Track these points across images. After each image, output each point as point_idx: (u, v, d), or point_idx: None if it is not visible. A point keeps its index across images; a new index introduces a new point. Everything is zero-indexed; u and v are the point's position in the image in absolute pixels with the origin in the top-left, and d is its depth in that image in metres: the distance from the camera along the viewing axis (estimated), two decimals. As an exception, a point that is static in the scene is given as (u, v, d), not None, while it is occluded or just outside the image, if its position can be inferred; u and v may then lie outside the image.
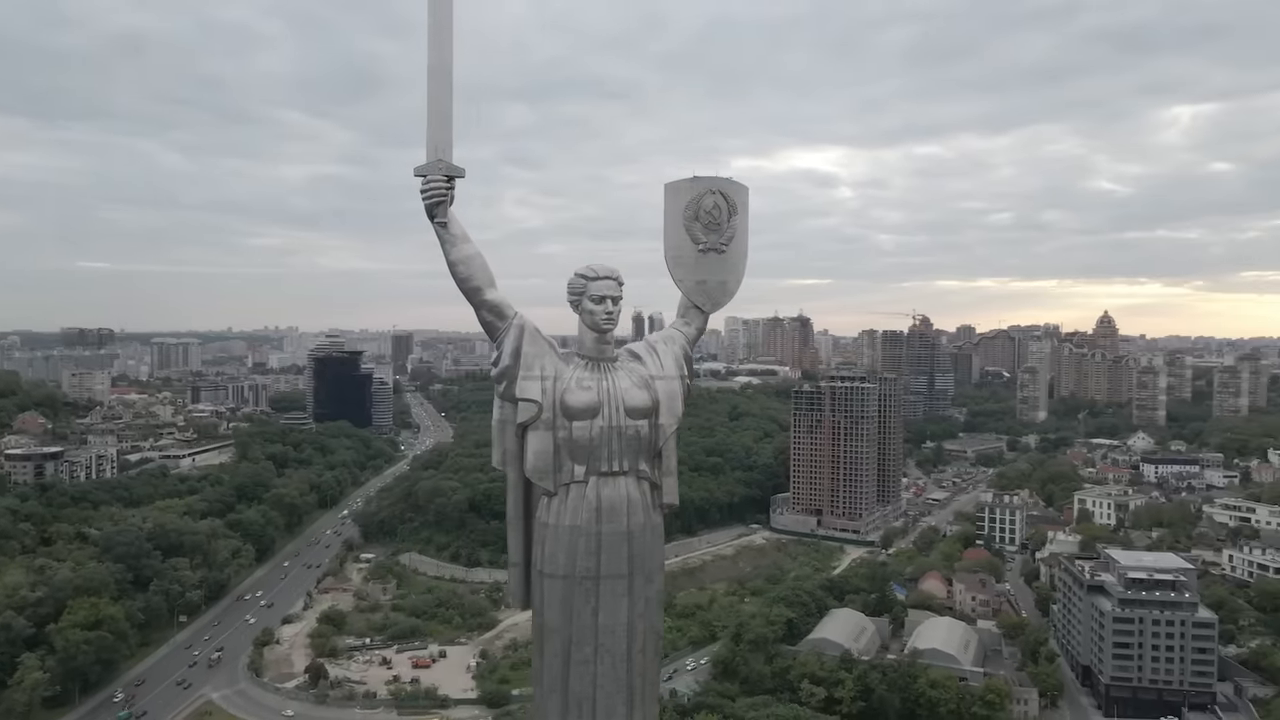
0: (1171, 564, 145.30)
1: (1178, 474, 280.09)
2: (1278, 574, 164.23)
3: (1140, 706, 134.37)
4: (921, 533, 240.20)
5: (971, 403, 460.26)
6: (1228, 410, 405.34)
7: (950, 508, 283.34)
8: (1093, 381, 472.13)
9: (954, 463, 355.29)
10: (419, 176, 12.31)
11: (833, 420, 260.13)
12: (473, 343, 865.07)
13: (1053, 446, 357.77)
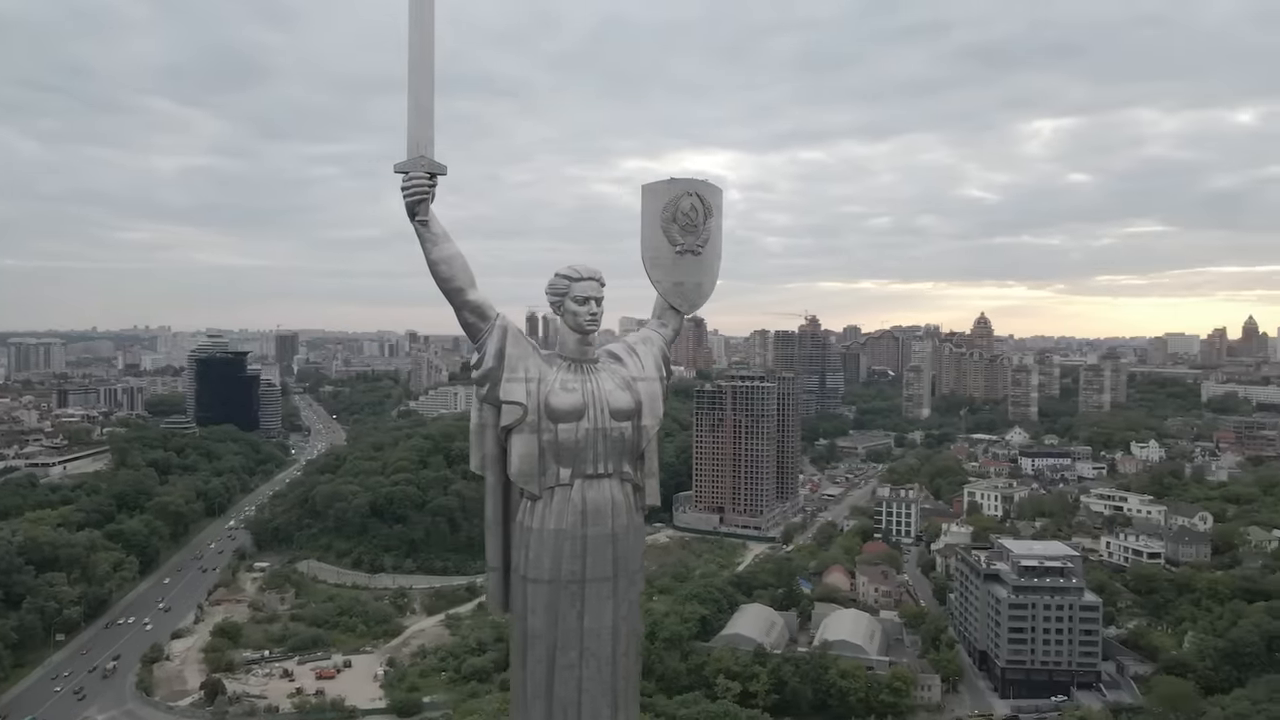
0: (1059, 552, 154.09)
1: (1052, 466, 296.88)
2: (1151, 559, 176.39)
3: (1033, 687, 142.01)
4: (820, 528, 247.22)
5: (860, 401, 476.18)
6: (1092, 406, 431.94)
7: (845, 503, 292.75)
8: (971, 380, 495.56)
9: (846, 459, 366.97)
10: (400, 173, 12.01)
11: (734, 419, 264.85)
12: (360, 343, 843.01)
13: (937, 442, 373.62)
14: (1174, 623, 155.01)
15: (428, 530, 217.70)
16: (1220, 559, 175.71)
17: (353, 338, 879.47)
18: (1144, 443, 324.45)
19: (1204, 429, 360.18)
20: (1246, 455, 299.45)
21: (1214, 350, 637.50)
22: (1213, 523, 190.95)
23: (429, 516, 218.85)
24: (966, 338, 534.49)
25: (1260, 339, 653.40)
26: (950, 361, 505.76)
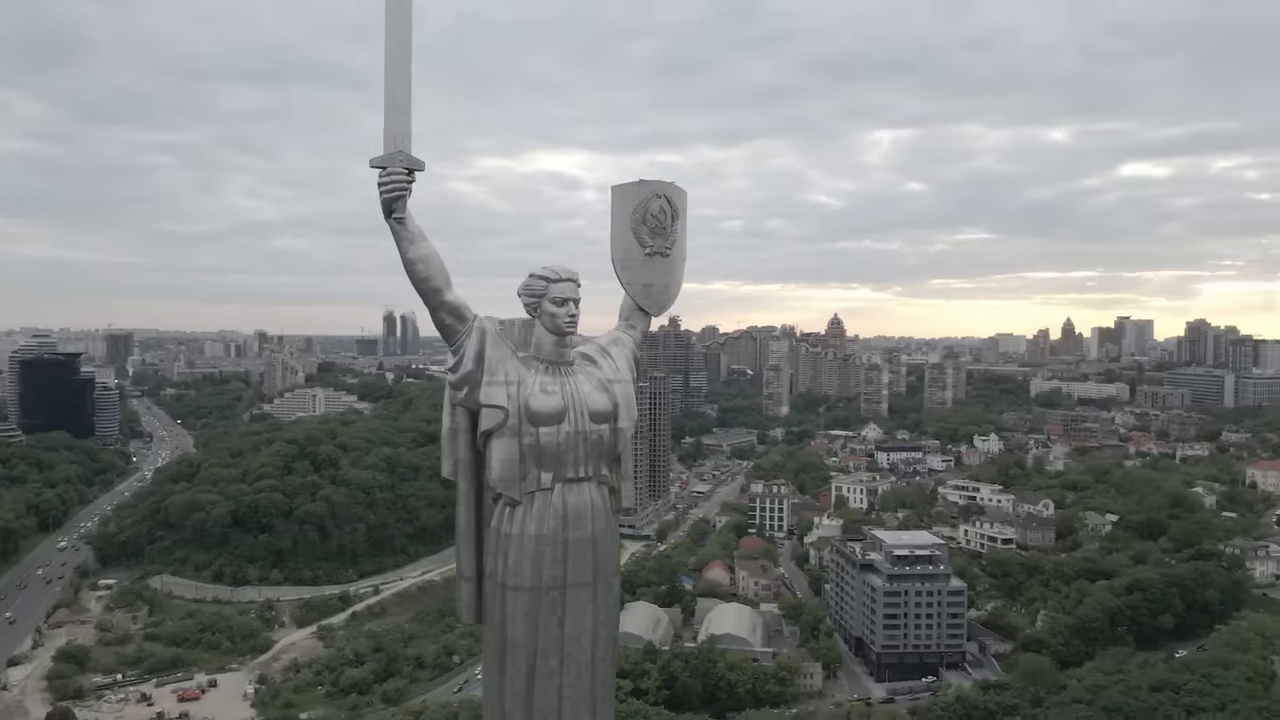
0: (927, 541, 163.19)
1: (905, 459, 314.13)
2: (1004, 544, 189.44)
3: (905, 669, 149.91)
4: (694, 524, 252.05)
5: (722, 399, 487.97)
6: (937, 402, 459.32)
7: (714, 499, 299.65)
8: (826, 378, 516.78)
9: (712, 456, 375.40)
10: (376, 169, 11.66)
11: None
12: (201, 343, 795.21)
13: (797, 439, 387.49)
14: (1027, 603, 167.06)
15: (295, 539, 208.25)
16: (1063, 542, 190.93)
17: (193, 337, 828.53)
18: (985, 436, 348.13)
19: (1035, 422, 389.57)
20: (1073, 446, 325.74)
21: (1039, 349, 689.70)
22: (1054, 509, 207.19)
23: (296, 524, 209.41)
24: (821, 338, 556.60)
25: (1077, 339, 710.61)
26: (807, 361, 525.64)
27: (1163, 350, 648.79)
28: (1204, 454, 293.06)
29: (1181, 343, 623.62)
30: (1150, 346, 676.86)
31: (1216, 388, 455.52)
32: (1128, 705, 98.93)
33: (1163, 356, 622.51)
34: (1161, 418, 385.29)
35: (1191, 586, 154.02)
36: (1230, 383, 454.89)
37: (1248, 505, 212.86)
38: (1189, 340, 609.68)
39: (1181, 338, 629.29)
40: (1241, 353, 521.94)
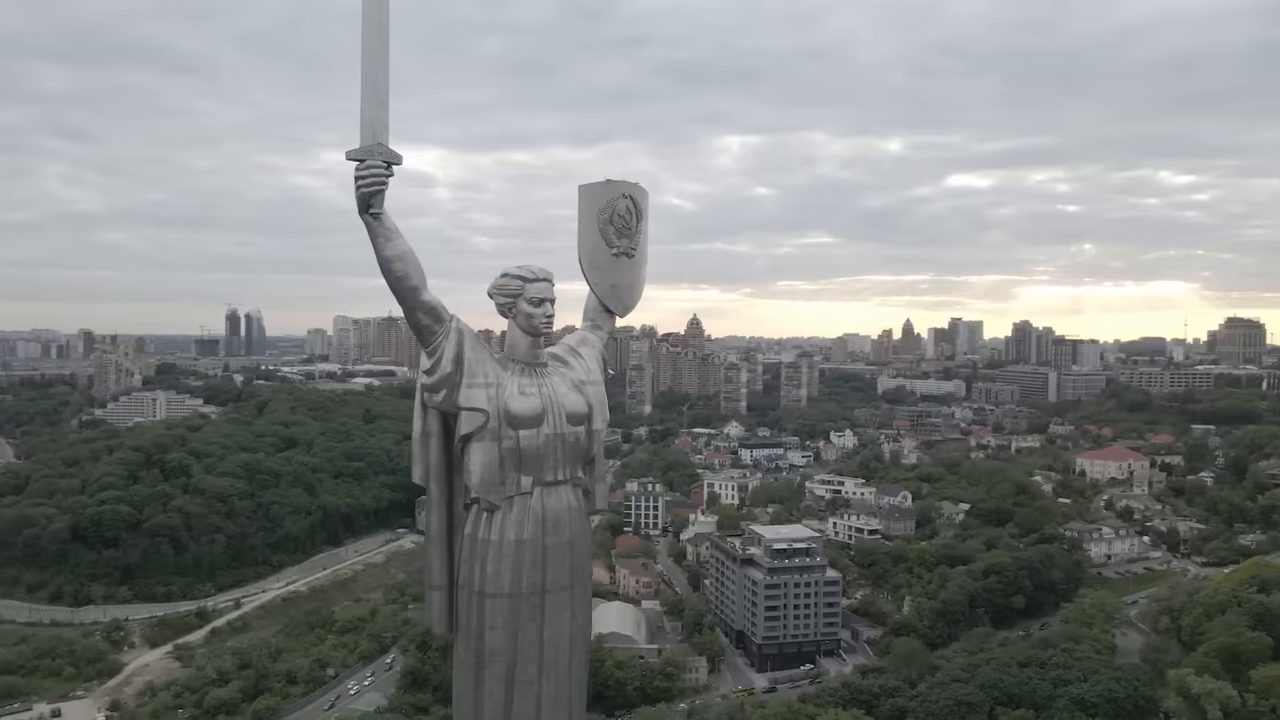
0: (803, 534, 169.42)
1: (768, 456, 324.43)
2: (870, 535, 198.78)
3: (785, 659, 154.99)
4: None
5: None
6: (792, 400, 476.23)
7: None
8: (687, 377, 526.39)
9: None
10: (354, 161, 11.21)
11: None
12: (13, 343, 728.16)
13: (660, 437, 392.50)
14: (893, 590, 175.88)
15: (145, 553, 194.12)
16: (923, 531, 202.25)
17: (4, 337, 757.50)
18: (841, 432, 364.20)
19: (884, 418, 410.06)
20: (921, 440, 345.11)
21: (883, 349, 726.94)
22: (912, 500, 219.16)
23: (147, 538, 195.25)
24: (681, 338, 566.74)
25: (916, 339, 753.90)
26: (667, 360, 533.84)
27: (992, 349, 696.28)
28: (1036, 445, 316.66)
29: (1009, 342, 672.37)
30: (981, 346, 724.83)
31: (1042, 384, 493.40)
32: (1002, 681, 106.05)
33: (993, 355, 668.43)
34: (996, 412, 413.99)
35: (1039, 568, 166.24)
36: (1053, 379, 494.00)
37: (1079, 492, 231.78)
38: (1015, 340, 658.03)
39: (1009, 338, 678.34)
40: (1062, 352, 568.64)
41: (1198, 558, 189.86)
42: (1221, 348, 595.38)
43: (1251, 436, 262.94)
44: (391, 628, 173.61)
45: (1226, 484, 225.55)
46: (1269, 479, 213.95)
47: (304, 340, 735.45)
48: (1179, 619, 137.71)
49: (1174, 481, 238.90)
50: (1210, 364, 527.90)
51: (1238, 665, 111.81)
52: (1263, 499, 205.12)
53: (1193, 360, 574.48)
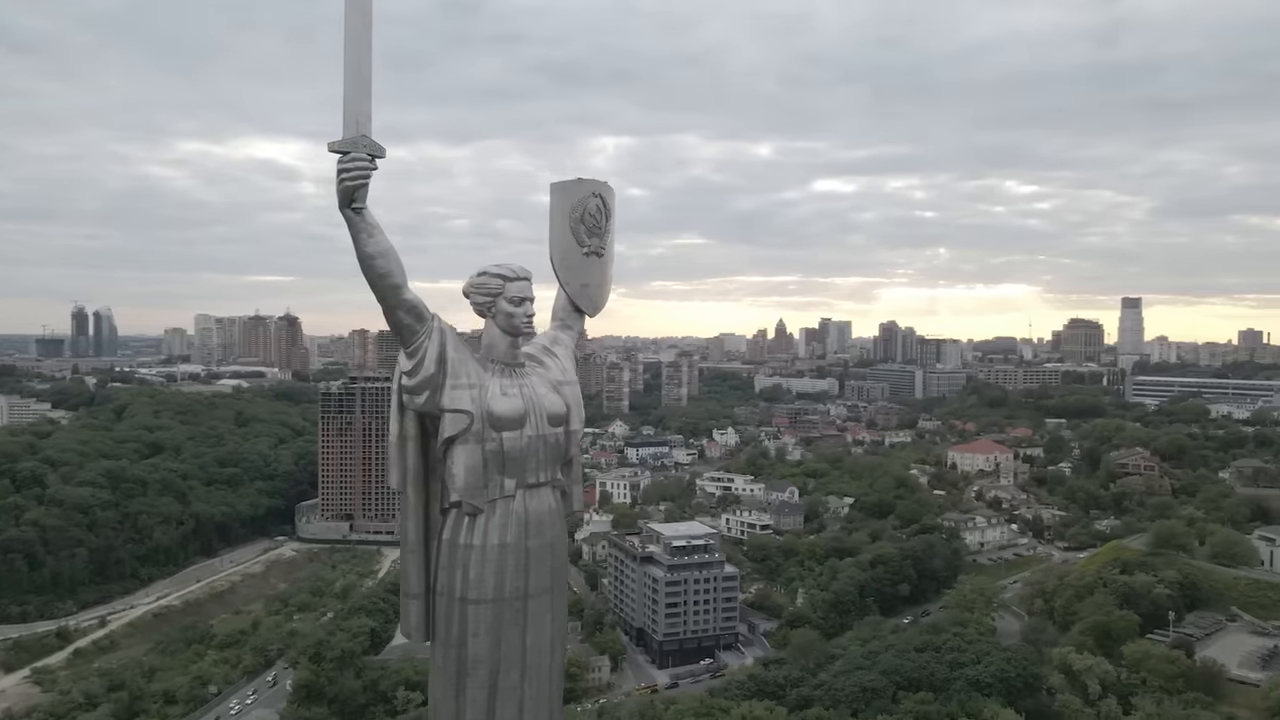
0: (700, 531, 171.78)
1: (654, 454, 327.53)
2: (762, 530, 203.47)
3: (685, 655, 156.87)
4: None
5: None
6: (674, 399, 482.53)
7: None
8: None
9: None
10: (337, 153, 10.71)
11: (364, 422, 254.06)
12: None
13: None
14: (786, 583, 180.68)
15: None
16: (811, 525, 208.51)
17: None
18: (723, 429, 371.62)
19: (763, 416, 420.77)
20: (800, 437, 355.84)
21: (758, 348, 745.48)
22: (799, 495, 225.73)
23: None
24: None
25: (788, 338, 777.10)
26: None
27: (861, 348, 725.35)
28: (908, 440, 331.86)
29: (876, 342, 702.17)
30: (850, 345, 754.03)
31: (909, 381, 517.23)
32: (903, 667, 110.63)
33: (862, 354, 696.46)
34: (869, 409, 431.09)
35: (922, 557, 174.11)
36: (920, 377, 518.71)
37: (952, 484, 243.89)
38: (883, 340, 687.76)
39: (876, 337, 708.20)
40: (927, 351, 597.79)
41: (1060, 543, 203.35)
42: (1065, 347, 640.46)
43: (1100, 429, 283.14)
44: (276, 640, 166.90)
45: (1082, 474, 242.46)
46: (1119, 468, 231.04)
47: (160, 340, 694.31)
48: (1052, 601, 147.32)
49: (1036, 472, 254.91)
50: (1057, 362, 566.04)
51: (1110, 641, 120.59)
52: (1114, 487, 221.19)
53: (1040, 359, 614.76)
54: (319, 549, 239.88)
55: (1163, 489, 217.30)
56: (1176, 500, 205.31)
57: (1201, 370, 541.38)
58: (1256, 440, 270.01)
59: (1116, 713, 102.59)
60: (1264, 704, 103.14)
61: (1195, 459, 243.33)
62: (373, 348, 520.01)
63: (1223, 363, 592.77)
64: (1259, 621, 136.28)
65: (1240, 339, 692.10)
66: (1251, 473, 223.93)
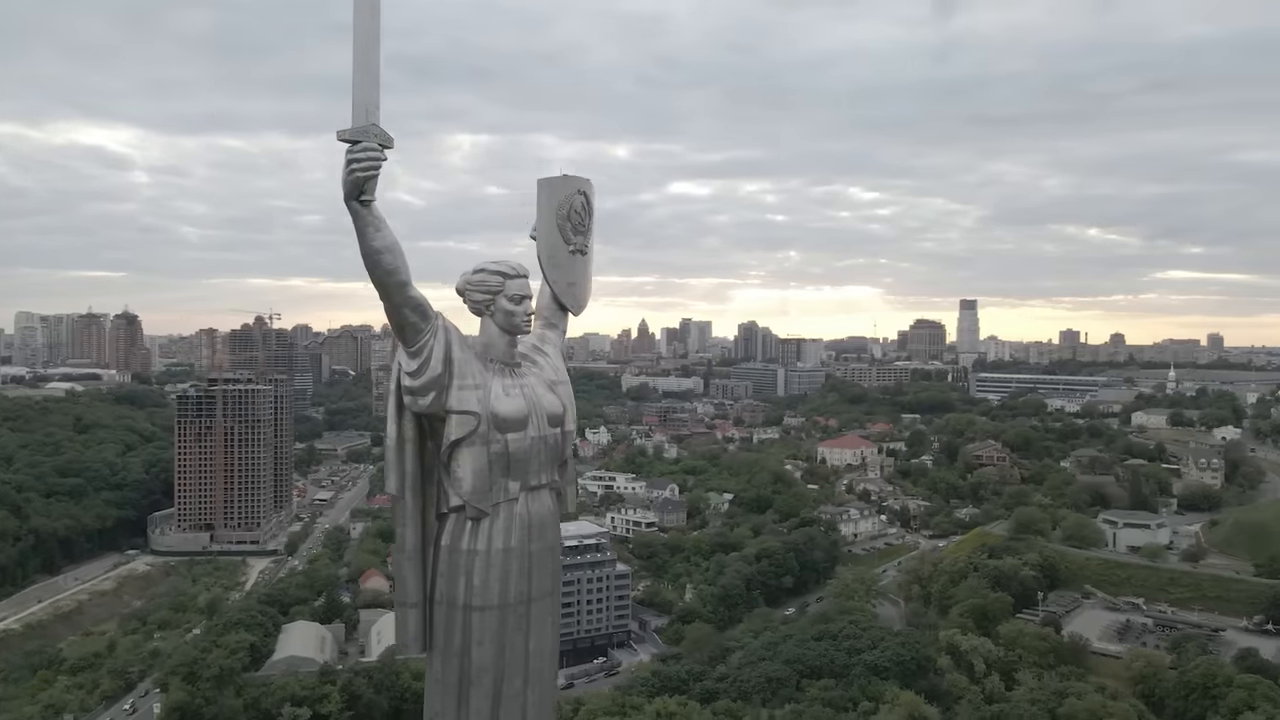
0: (591, 530, 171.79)
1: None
2: (647, 528, 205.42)
3: (579, 654, 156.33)
4: (328, 534, 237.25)
5: (327, 401, 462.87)
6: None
7: (340, 506, 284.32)
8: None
9: (326, 461, 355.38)
10: (347, 143, 10.32)
11: (225, 426, 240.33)
12: None
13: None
14: (674, 579, 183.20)
15: None
16: (694, 521, 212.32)
17: None
18: (595, 428, 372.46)
19: (633, 414, 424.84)
20: (670, 434, 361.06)
21: (622, 347, 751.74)
22: (680, 492, 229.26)
23: None
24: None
25: (650, 338, 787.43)
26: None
27: (722, 348, 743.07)
28: (775, 437, 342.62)
29: (737, 341, 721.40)
30: (710, 344, 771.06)
31: (771, 379, 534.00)
32: (804, 656, 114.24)
33: (723, 353, 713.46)
34: (735, 407, 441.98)
35: (803, 549, 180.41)
36: (782, 375, 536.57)
37: (824, 478, 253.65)
38: (743, 339, 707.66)
39: (736, 337, 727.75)
40: (788, 349, 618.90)
41: (926, 531, 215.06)
42: (911, 345, 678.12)
43: (953, 423, 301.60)
44: (136, 661, 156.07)
45: (942, 466, 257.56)
46: (974, 460, 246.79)
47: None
48: (928, 586, 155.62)
49: (900, 465, 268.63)
50: (905, 360, 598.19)
51: (986, 622, 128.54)
52: (971, 477, 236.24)
53: (890, 357, 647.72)
54: (177, 562, 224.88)
55: (1014, 478, 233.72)
56: (1025, 488, 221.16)
57: (1032, 367, 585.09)
58: (1089, 431, 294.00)
59: (1000, 689, 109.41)
60: (1127, 674, 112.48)
61: (1039, 450, 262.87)
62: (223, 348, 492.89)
63: (1049, 360, 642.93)
64: (1110, 598, 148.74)
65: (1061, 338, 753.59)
66: (1089, 461, 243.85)
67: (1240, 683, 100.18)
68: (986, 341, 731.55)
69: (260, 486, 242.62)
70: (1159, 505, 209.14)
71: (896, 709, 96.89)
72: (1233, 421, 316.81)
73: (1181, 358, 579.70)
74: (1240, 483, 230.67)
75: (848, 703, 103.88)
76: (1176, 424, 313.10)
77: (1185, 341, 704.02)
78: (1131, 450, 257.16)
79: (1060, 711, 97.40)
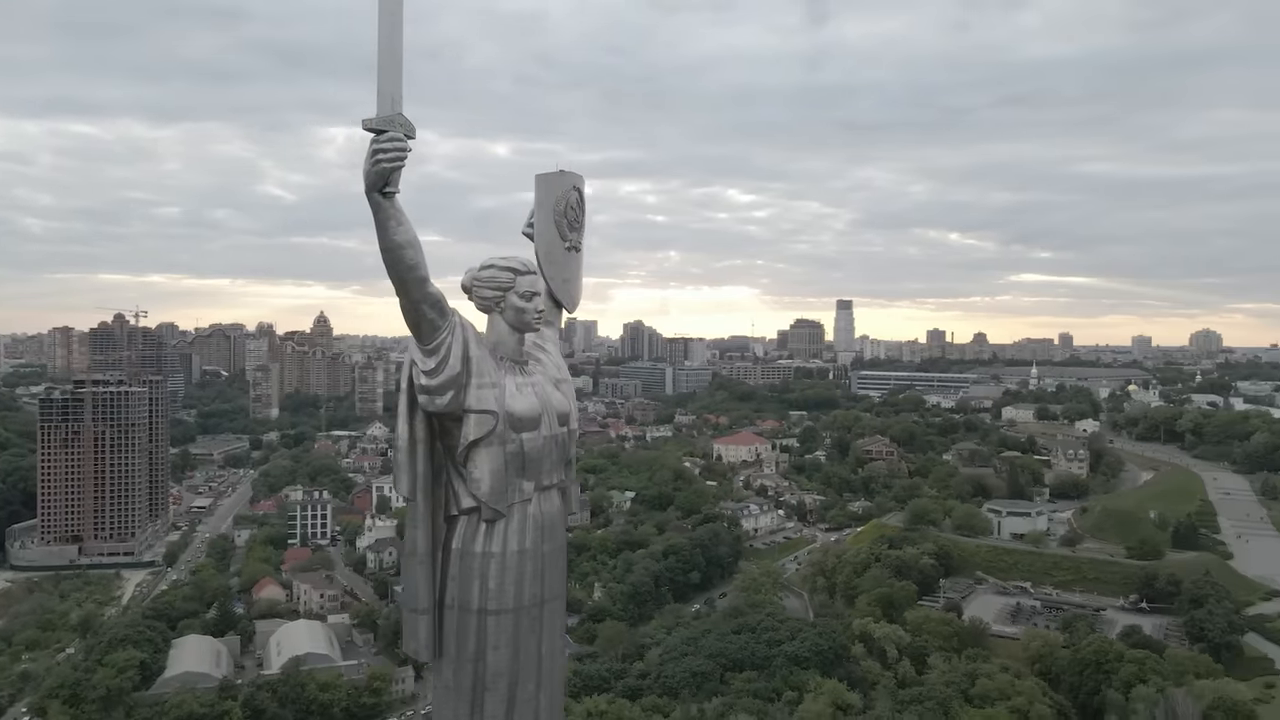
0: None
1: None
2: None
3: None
4: (211, 543, 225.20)
5: (199, 404, 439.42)
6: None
7: (219, 513, 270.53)
8: (315, 378, 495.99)
9: (202, 466, 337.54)
10: (373, 132, 9.95)
11: (95, 431, 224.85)
12: None
13: (295, 442, 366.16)
14: (581, 578, 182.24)
15: None
16: (598, 520, 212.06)
17: None
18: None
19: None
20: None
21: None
22: (582, 490, 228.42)
23: None
24: (308, 336, 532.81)
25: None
26: (293, 360, 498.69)
27: (609, 347, 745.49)
28: (668, 435, 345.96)
29: (623, 340, 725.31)
30: (596, 344, 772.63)
31: (660, 378, 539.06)
32: (727, 649, 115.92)
33: (610, 352, 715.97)
34: (626, 405, 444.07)
35: (709, 545, 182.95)
36: (670, 374, 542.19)
37: (721, 475, 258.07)
38: (629, 338, 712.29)
39: (623, 336, 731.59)
40: (675, 348, 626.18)
41: (822, 524, 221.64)
42: (792, 344, 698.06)
43: (841, 420, 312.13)
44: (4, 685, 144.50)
45: (834, 461, 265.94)
46: (865, 455, 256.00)
47: None
48: (833, 578, 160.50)
49: (794, 461, 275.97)
50: (787, 359, 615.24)
51: (893, 609, 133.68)
52: (862, 472, 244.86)
53: (772, 356, 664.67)
54: (41, 577, 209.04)
55: (902, 471, 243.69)
56: (914, 481, 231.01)
57: (906, 365, 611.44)
58: (966, 426, 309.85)
59: (912, 673, 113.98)
60: (1025, 654, 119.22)
61: (923, 444, 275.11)
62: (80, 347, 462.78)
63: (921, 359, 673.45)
64: (1001, 582, 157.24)
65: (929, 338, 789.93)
66: (969, 454, 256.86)
67: (1130, 658, 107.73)
68: (861, 340, 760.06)
69: (134, 495, 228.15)
70: (1033, 494, 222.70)
71: (820, 697, 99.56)
72: (1091, 415, 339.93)
73: (1039, 356, 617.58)
74: (1104, 472, 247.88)
75: (771, 693, 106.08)
76: (1043, 418, 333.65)
77: (1041, 340, 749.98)
78: (1005, 443, 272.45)
79: (972, 692, 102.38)
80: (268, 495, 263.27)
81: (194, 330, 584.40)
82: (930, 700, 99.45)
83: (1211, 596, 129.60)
